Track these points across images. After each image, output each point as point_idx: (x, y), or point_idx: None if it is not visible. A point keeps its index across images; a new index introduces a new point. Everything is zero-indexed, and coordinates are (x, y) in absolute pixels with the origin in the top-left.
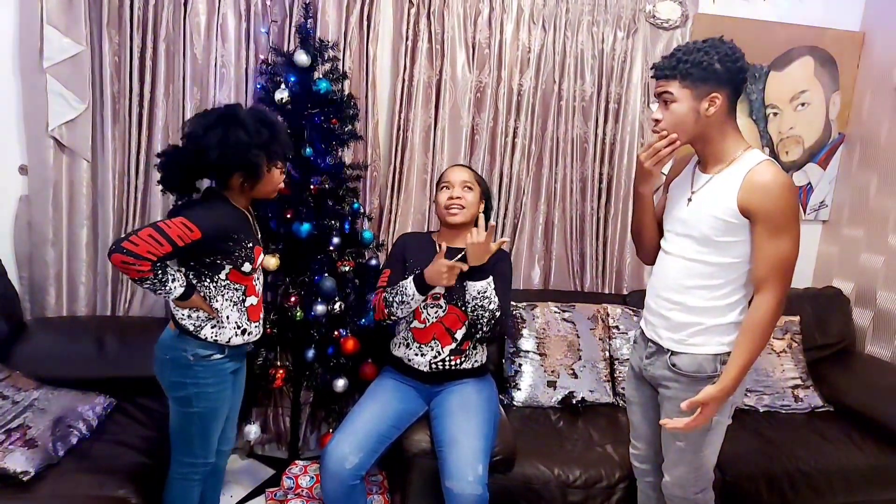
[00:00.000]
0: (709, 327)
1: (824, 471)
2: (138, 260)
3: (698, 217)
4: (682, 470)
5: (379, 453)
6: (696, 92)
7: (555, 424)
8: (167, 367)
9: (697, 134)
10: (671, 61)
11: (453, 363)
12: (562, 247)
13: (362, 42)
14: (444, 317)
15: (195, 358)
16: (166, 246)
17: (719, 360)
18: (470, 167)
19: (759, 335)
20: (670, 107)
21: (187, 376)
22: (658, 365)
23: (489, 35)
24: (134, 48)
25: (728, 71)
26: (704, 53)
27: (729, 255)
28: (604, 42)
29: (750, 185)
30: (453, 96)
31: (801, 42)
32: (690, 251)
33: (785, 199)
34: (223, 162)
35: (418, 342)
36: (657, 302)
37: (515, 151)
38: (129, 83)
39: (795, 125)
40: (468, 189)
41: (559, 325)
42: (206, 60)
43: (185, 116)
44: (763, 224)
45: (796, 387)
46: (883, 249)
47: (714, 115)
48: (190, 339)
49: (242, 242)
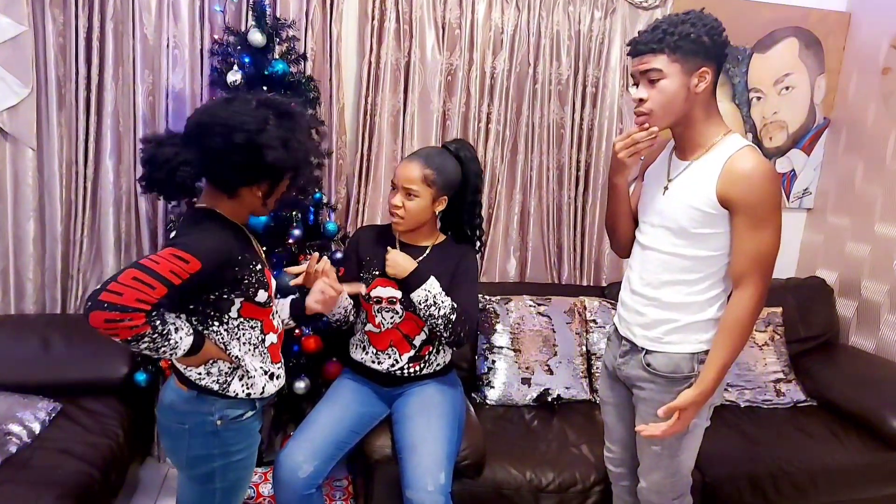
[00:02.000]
0: (685, 324)
1: (808, 469)
2: (126, 313)
3: (675, 207)
4: (658, 475)
5: (337, 460)
6: (687, 66)
7: (529, 424)
8: (186, 439)
9: (683, 115)
10: (656, 34)
11: (412, 370)
12: (538, 237)
13: (325, 21)
14: (401, 323)
15: (223, 421)
16: (159, 288)
17: (696, 360)
18: (429, 157)
19: (739, 333)
20: (658, 84)
21: (214, 446)
22: (632, 364)
23: (460, 15)
24: (80, 28)
25: (715, 44)
26: (691, 25)
27: (707, 247)
28: (580, 22)
29: (730, 173)
30: (423, 79)
31: (785, 23)
32: (667, 243)
33: (767, 188)
34: (276, 166)
35: (375, 347)
36: (632, 298)
37: (489, 138)
38: (75, 66)
39: (779, 109)
40: (412, 196)
41: (534, 320)
42: (157, 41)
43: (137, 101)
44: (743, 215)
45: (779, 381)
46: (869, 238)
47: (703, 92)
48: (215, 399)
49: (250, 265)
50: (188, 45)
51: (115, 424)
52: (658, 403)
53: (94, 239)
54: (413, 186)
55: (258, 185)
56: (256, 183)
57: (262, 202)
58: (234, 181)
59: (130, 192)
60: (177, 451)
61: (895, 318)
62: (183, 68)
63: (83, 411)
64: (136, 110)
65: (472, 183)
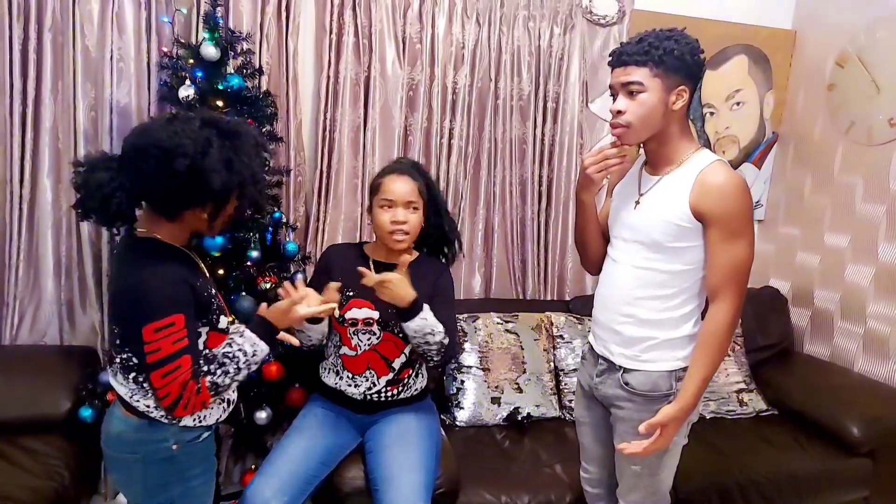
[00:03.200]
0: (662, 341)
1: (774, 479)
2: (184, 396)
3: (647, 221)
4: (638, 495)
5: (307, 494)
6: (667, 82)
7: (500, 444)
8: (139, 469)
9: (659, 130)
10: (642, 46)
11: (390, 394)
12: (503, 253)
13: (281, 35)
14: (379, 344)
15: (180, 445)
16: (182, 360)
17: (674, 377)
18: (412, 168)
19: (717, 346)
20: (638, 97)
21: (170, 473)
22: (610, 384)
23: (420, 29)
24: (14, 39)
25: (695, 64)
26: (675, 42)
27: (681, 261)
28: (540, 38)
29: (702, 186)
30: (384, 94)
31: (735, 40)
32: (640, 258)
33: (739, 201)
34: (222, 191)
35: (349, 371)
36: (606, 315)
37: (452, 153)
38: (9, 78)
39: (731, 125)
40: (414, 209)
41: (502, 337)
42: (100, 53)
43: (77, 116)
44: (717, 228)
45: (741, 391)
46: (819, 248)
47: (679, 110)
48: (168, 426)
49: (205, 292)
50: (134, 58)
51: (60, 465)
52: (636, 422)
53: (32, 263)
54: (414, 199)
55: (202, 208)
56: (201, 206)
57: (207, 225)
58: (175, 206)
59: (71, 213)
60: (131, 483)
61: (847, 326)
62: (129, 82)
63: (23, 451)
64: (77, 126)
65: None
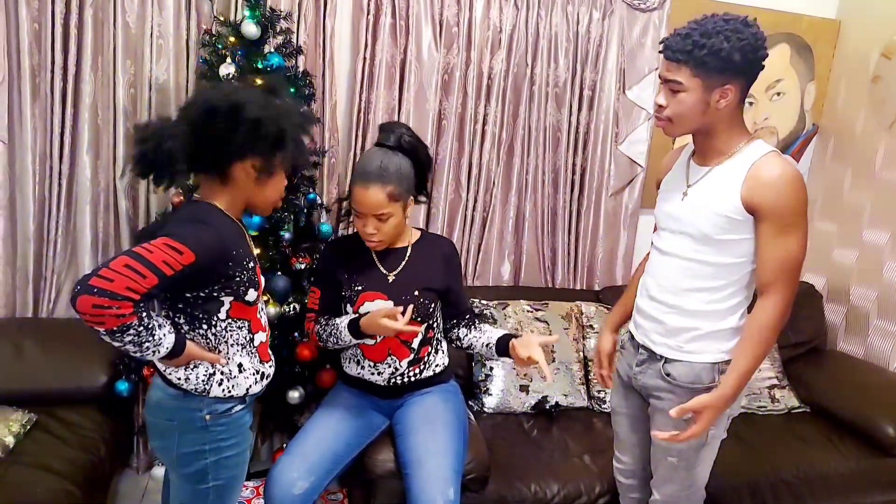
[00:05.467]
0: (707, 333)
1: (805, 477)
2: (115, 301)
3: (696, 213)
4: (673, 488)
5: (334, 475)
6: (709, 82)
7: (528, 433)
8: (175, 436)
9: (702, 126)
10: (686, 43)
11: (413, 374)
12: (533, 241)
13: (318, 14)
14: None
15: (212, 416)
16: (150, 277)
17: (717, 370)
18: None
19: (764, 340)
20: (678, 96)
21: (204, 442)
22: (650, 374)
23: (458, 12)
24: (56, 15)
25: (747, 62)
26: (725, 39)
27: (731, 254)
28: (579, 23)
29: (755, 178)
30: (419, 78)
31: (777, 28)
32: (688, 250)
33: (794, 194)
34: (261, 123)
35: (371, 360)
36: (650, 305)
37: (485, 139)
38: (50, 54)
39: (770, 115)
40: (384, 219)
41: (532, 325)
42: (140, 30)
43: (117, 93)
44: (770, 221)
45: (773, 387)
46: (856, 244)
47: (724, 108)
48: (200, 397)
49: (243, 262)
50: (173, 35)
51: (96, 437)
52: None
53: (70, 238)
54: (384, 210)
55: (250, 159)
56: (249, 154)
57: (255, 181)
58: (222, 154)
59: (109, 189)
60: (167, 448)
61: (884, 325)
62: (168, 59)
63: (60, 423)
64: (117, 102)
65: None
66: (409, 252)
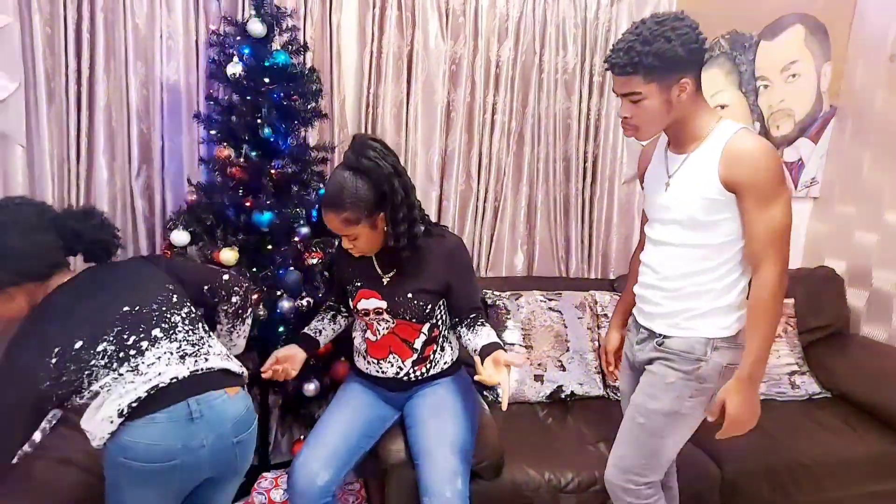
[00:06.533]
0: (705, 311)
1: (825, 462)
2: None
3: (681, 200)
4: (629, 450)
5: (351, 465)
6: (665, 83)
7: (543, 421)
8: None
9: (673, 119)
10: (630, 56)
11: (418, 373)
12: (546, 230)
13: (325, 10)
14: (395, 328)
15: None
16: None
17: (711, 346)
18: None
19: (766, 314)
20: (640, 104)
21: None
22: (647, 349)
23: (464, 2)
24: (68, 19)
25: (692, 53)
26: (665, 40)
27: (720, 234)
28: (587, 9)
29: (730, 157)
30: (426, 69)
31: (791, 9)
32: (679, 237)
33: (768, 165)
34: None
35: (375, 357)
36: (650, 292)
37: (495, 129)
38: (64, 58)
39: (786, 97)
40: (352, 238)
41: (545, 315)
42: (150, 31)
43: (130, 94)
44: (750, 196)
45: (793, 373)
46: (877, 227)
47: (686, 99)
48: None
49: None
50: (182, 36)
51: None
52: (662, 378)
53: None
54: (346, 232)
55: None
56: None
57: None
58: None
59: (125, 190)
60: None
61: None
62: (177, 60)
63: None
64: (130, 104)
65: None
66: (405, 253)
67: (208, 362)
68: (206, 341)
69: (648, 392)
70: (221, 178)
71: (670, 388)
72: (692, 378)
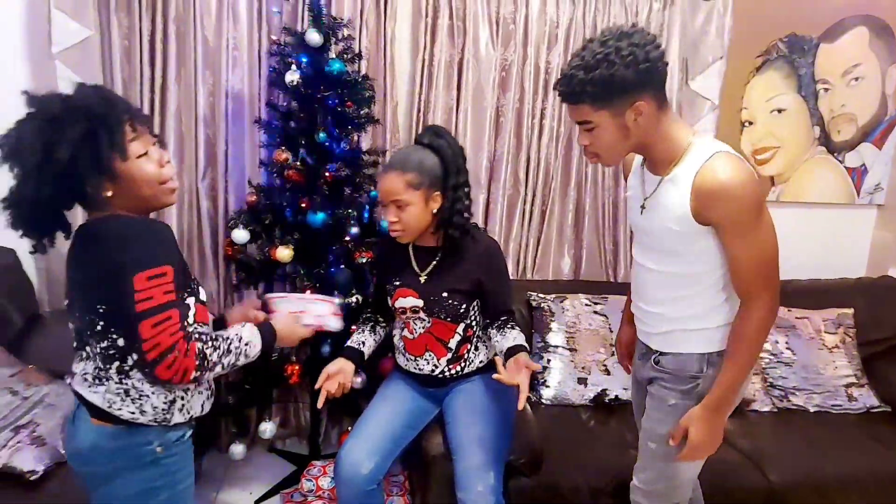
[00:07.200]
0: (693, 330)
1: (879, 477)
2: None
3: (655, 228)
4: (650, 475)
5: (395, 455)
6: (615, 110)
7: (585, 424)
8: (121, 480)
9: (634, 146)
10: (573, 85)
11: (453, 371)
12: (593, 235)
13: (379, 20)
14: (431, 327)
15: (164, 447)
16: (171, 313)
17: (706, 360)
18: (404, 161)
19: (751, 349)
20: (593, 133)
21: (156, 478)
22: (646, 367)
23: (514, 10)
24: (143, 31)
25: (642, 73)
26: (608, 65)
27: (699, 262)
28: (638, 14)
29: (701, 192)
30: (476, 76)
31: (854, 10)
32: (657, 263)
33: (742, 197)
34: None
35: (412, 354)
36: (637, 310)
37: (543, 134)
38: (139, 68)
39: (848, 102)
40: (402, 207)
41: (590, 319)
42: (217, 42)
43: (198, 101)
44: (728, 231)
45: (850, 385)
46: None
47: (645, 121)
48: (149, 428)
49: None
50: (247, 46)
51: None
52: (663, 401)
53: None
54: (400, 197)
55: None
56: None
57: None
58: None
59: (192, 190)
60: (114, 497)
61: None
62: (242, 69)
63: None
64: (198, 111)
65: (451, 168)
66: (441, 252)
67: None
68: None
69: (655, 417)
70: (279, 180)
71: (673, 410)
72: (692, 398)
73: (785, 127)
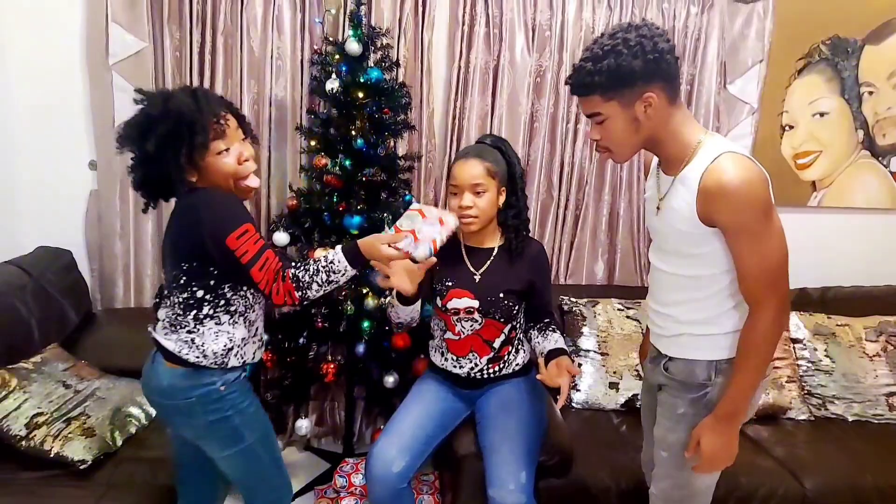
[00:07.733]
0: (701, 335)
1: None
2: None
3: (667, 229)
4: (667, 484)
5: (426, 455)
6: (625, 99)
7: (617, 428)
8: (198, 412)
9: (645, 141)
10: (581, 76)
11: (492, 371)
12: (627, 239)
13: (417, 28)
14: (482, 329)
15: (226, 385)
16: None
17: (714, 367)
18: (481, 149)
19: (760, 357)
20: (604, 125)
21: (226, 409)
22: (656, 372)
23: (550, 16)
24: (194, 43)
25: (650, 63)
26: (615, 56)
27: (709, 265)
28: (675, 19)
29: (706, 194)
30: (512, 82)
31: None
32: (669, 264)
33: (749, 200)
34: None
35: (454, 354)
36: (651, 312)
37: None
38: (189, 78)
39: (894, 105)
40: (480, 193)
41: (623, 323)
42: (262, 53)
43: (242, 109)
44: (735, 235)
45: (891, 394)
46: None
47: (655, 114)
48: (213, 370)
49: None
50: (290, 56)
51: None
52: (673, 409)
53: None
54: (480, 181)
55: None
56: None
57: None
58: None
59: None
60: (195, 423)
61: None
62: (285, 78)
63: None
64: None
65: (515, 168)
66: (495, 253)
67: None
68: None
69: (665, 425)
70: (319, 184)
71: (683, 419)
72: (702, 407)
73: (827, 131)
